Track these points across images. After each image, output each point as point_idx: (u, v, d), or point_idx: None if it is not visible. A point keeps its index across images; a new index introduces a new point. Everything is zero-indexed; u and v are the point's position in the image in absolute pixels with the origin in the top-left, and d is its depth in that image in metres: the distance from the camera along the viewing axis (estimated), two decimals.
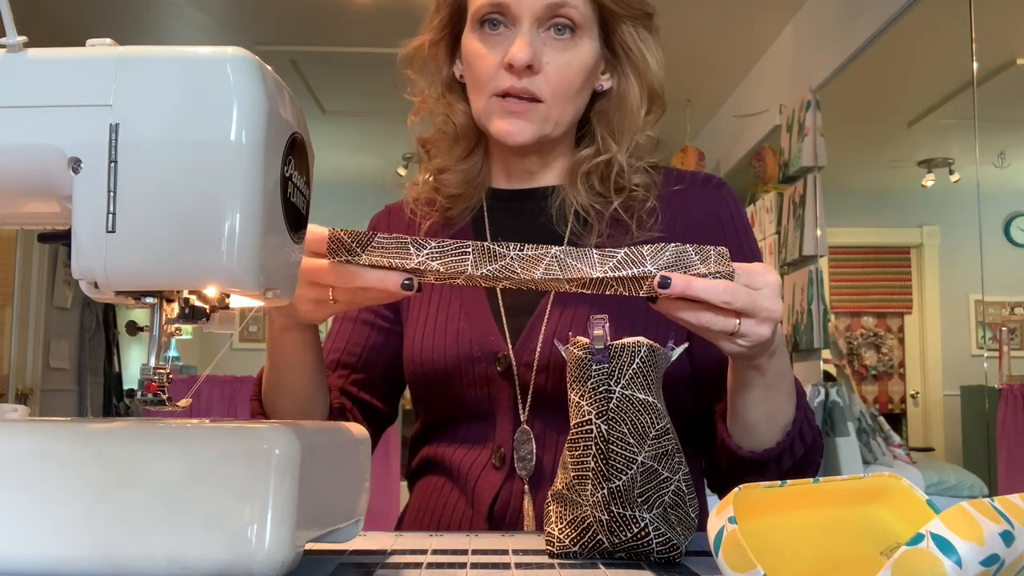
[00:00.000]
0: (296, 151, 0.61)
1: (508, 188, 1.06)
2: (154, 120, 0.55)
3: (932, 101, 3.59)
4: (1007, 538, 0.45)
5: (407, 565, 0.66)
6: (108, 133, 0.54)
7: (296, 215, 0.63)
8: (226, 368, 4.66)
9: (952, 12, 2.99)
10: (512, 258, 0.75)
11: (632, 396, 0.69)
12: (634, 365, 0.69)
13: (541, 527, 0.84)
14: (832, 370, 3.83)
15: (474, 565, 0.65)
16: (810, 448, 0.89)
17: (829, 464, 3.20)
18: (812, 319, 3.50)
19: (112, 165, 0.54)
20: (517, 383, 0.96)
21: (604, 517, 0.68)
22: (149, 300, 0.59)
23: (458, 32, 1.01)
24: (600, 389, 0.69)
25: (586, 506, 0.69)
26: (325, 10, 3.97)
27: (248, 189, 0.55)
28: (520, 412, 0.96)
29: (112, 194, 0.54)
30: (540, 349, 0.95)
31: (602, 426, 0.68)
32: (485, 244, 0.75)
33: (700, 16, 3.84)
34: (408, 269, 0.75)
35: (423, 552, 0.71)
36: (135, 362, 5.51)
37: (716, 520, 0.53)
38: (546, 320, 0.97)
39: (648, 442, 0.69)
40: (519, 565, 0.66)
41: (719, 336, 0.76)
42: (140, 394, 0.60)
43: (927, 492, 1.14)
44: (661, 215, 0.99)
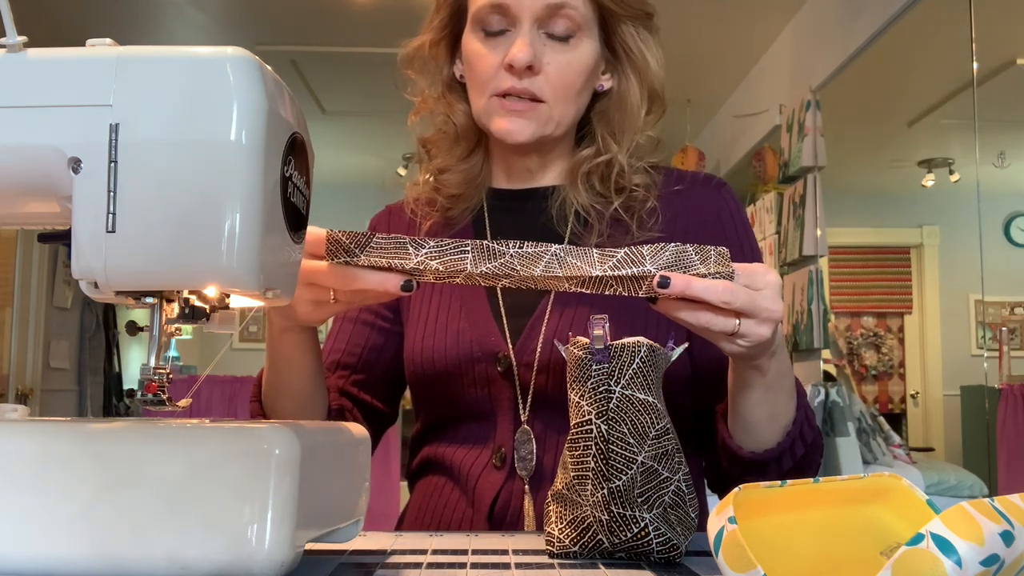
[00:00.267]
0: (296, 151, 0.61)
1: (508, 188, 1.06)
2: (154, 120, 0.55)
3: (932, 101, 3.59)
4: (1007, 538, 0.45)
5: (407, 565, 0.66)
6: (108, 133, 0.54)
7: (296, 215, 0.63)
8: (226, 368, 4.66)
9: (952, 12, 2.99)
10: (511, 256, 0.74)
11: (632, 396, 0.69)
12: (634, 365, 0.69)
13: (541, 527, 0.84)
14: (832, 370, 3.83)
15: (474, 565, 0.65)
16: (810, 448, 0.89)
17: (829, 464, 3.20)
18: (812, 319, 3.50)
19: (112, 165, 0.54)
20: (517, 383, 0.96)
21: (604, 517, 0.68)
22: (149, 300, 0.59)
23: (458, 32, 1.02)
24: (600, 389, 0.69)
25: (586, 506, 0.69)
26: (325, 10, 3.97)
27: (248, 189, 0.55)
28: (520, 412, 0.96)
29: (112, 194, 0.54)
30: (540, 349, 0.95)
31: (602, 426, 0.68)
32: (484, 243, 0.75)
33: (700, 16, 3.84)
34: (407, 269, 0.74)
35: (423, 552, 0.71)
36: (135, 362, 5.52)
37: (716, 520, 0.53)
38: (546, 320, 0.97)
39: (648, 442, 0.69)
40: (519, 565, 0.66)
41: (719, 336, 0.76)
42: (140, 394, 0.60)
43: (927, 492, 1.14)
44: (661, 215, 0.99)
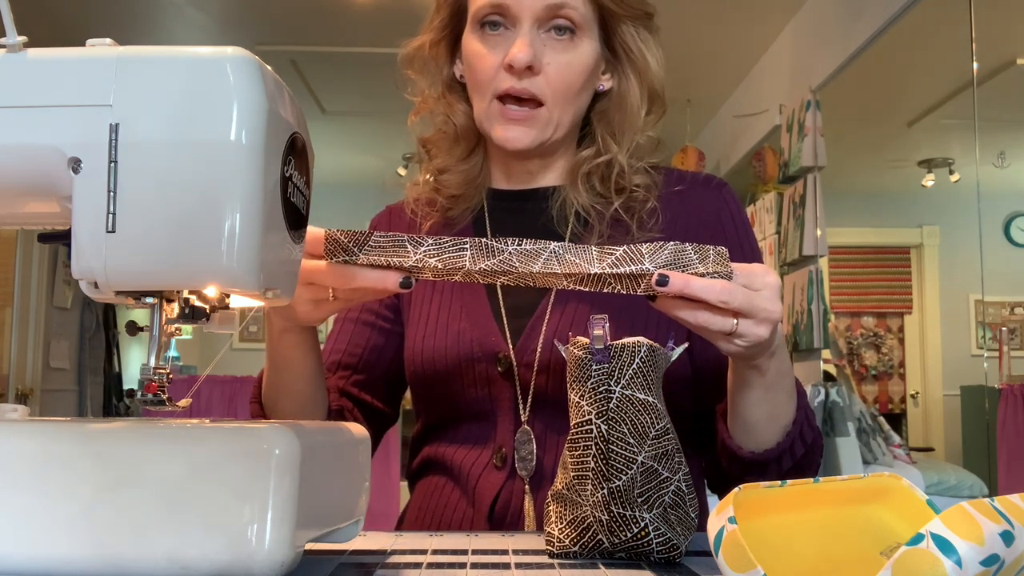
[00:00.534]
0: (296, 151, 0.61)
1: (508, 188, 1.06)
2: (154, 120, 0.55)
3: (932, 101, 3.59)
4: (1007, 538, 0.45)
5: (407, 565, 0.66)
6: (108, 133, 0.54)
7: (296, 215, 0.63)
8: (226, 368, 4.66)
9: (952, 12, 2.99)
10: (510, 253, 0.74)
11: (632, 396, 0.69)
12: (634, 365, 0.69)
13: (542, 527, 0.84)
14: (832, 370, 3.83)
15: (474, 565, 0.65)
16: (810, 448, 0.89)
17: (829, 464, 3.19)
18: (812, 319, 3.50)
19: (112, 165, 0.54)
20: (518, 383, 0.96)
21: (604, 517, 0.68)
22: (149, 300, 0.59)
23: (458, 32, 1.02)
24: (600, 389, 0.69)
25: (586, 506, 0.69)
26: (325, 10, 3.97)
27: (248, 189, 0.55)
28: (521, 412, 0.96)
29: (112, 194, 0.54)
30: (540, 349, 0.95)
31: (602, 426, 0.68)
32: (483, 240, 0.75)
33: (700, 16, 3.84)
34: (406, 267, 0.74)
35: (423, 552, 0.71)
36: (135, 362, 5.51)
37: (716, 520, 0.53)
38: (547, 320, 0.97)
39: (648, 442, 0.69)
40: (519, 565, 0.66)
41: (717, 336, 0.76)
42: (140, 394, 0.60)
43: (927, 492, 1.14)
44: (662, 215, 0.99)
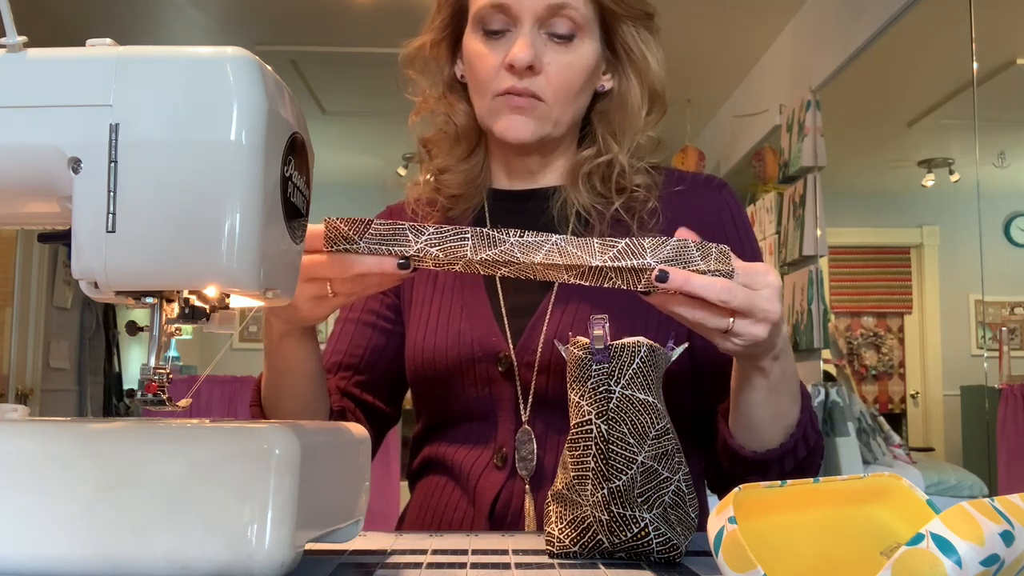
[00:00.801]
0: (296, 151, 0.61)
1: (509, 189, 1.06)
2: (154, 120, 0.55)
3: (932, 101, 3.59)
4: (1007, 538, 0.45)
5: (407, 565, 0.66)
6: (108, 133, 0.54)
7: (296, 215, 0.63)
8: (226, 368, 4.66)
9: (952, 12, 2.99)
10: (512, 244, 0.74)
11: (632, 396, 0.69)
12: (634, 365, 0.69)
13: (542, 527, 0.84)
14: (832, 370, 3.83)
15: (474, 565, 0.65)
16: (812, 450, 0.89)
17: (829, 464, 3.19)
18: (812, 319, 3.50)
19: (112, 165, 0.54)
20: (518, 383, 0.96)
21: (604, 517, 0.68)
22: (149, 300, 0.59)
23: (459, 32, 1.02)
24: (600, 389, 0.69)
25: (586, 506, 0.69)
26: (325, 10, 3.97)
27: (248, 189, 0.55)
28: (521, 412, 0.96)
29: (112, 194, 0.54)
30: (541, 349, 0.95)
31: (602, 426, 0.68)
32: (484, 230, 0.75)
33: (700, 16, 3.84)
34: (407, 257, 0.74)
35: (423, 552, 0.71)
36: (135, 362, 5.51)
37: (716, 520, 0.53)
38: (547, 320, 0.97)
39: (648, 442, 0.69)
40: (519, 565, 0.66)
41: (713, 333, 0.75)
42: (140, 394, 0.60)
43: (927, 492, 1.14)
44: (662, 216, 0.99)
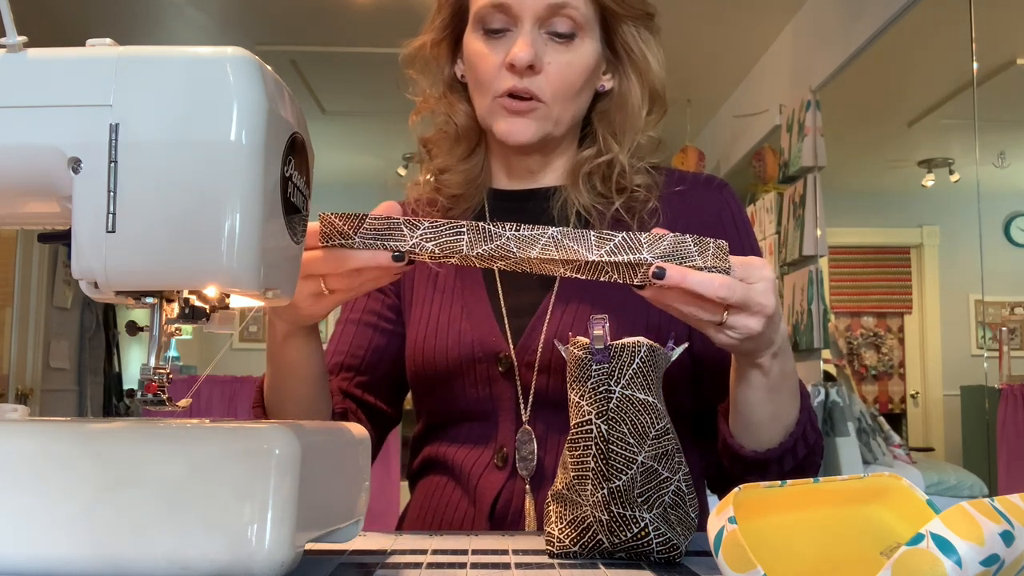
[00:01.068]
0: (296, 151, 0.61)
1: (509, 188, 1.06)
2: (154, 120, 0.55)
3: (932, 101, 3.59)
4: (1007, 538, 0.45)
5: (407, 565, 0.66)
6: (108, 133, 0.54)
7: (296, 215, 0.63)
8: (226, 368, 4.66)
9: (952, 12, 2.99)
10: (508, 238, 0.74)
11: (632, 396, 0.69)
12: (634, 365, 0.69)
13: (542, 527, 0.84)
14: (832, 370, 3.83)
15: (474, 565, 0.65)
16: (812, 450, 0.89)
17: (829, 464, 3.19)
18: (812, 319, 3.50)
19: (112, 165, 0.54)
20: (519, 383, 0.96)
21: (604, 517, 0.68)
22: (149, 300, 0.59)
23: (460, 32, 1.02)
24: (600, 389, 0.69)
25: (586, 506, 0.69)
26: (325, 10, 3.97)
27: (248, 189, 0.55)
28: (522, 412, 0.96)
29: (112, 194, 0.54)
30: (541, 349, 0.95)
31: (602, 426, 0.68)
32: (480, 224, 0.74)
33: (700, 16, 3.84)
34: (403, 251, 0.74)
35: (423, 552, 0.71)
36: (135, 362, 5.52)
37: (716, 520, 0.53)
38: (547, 320, 0.97)
39: (648, 442, 0.69)
40: (519, 565, 0.66)
41: (707, 325, 0.76)
42: (140, 394, 0.60)
43: (927, 492, 1.14)
44: (662, 216, 0.99)
